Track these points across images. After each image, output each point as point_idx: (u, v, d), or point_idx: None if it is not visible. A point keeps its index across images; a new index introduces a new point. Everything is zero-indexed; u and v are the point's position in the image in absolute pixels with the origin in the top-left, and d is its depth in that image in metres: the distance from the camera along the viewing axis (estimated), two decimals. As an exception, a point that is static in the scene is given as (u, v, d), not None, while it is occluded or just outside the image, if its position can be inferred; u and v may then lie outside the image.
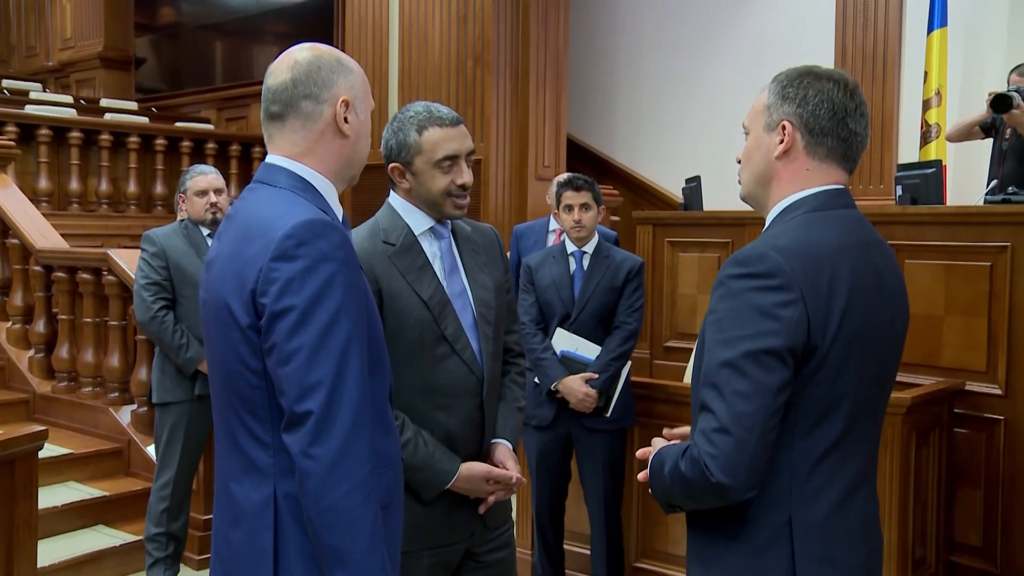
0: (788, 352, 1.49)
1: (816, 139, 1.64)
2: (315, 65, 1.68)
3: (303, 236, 1.53)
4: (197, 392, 3.85)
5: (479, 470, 2.24)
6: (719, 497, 1.51)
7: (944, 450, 3.53)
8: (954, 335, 3.64)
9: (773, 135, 1.66)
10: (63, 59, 10.62)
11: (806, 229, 1.59)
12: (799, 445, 1.55)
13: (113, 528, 4.40)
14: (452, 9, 7.10)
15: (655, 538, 3.75)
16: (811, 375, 1.53)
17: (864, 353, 1.58)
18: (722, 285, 1.56)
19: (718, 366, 1.51)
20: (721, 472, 1.47)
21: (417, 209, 2.27)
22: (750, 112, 1.72)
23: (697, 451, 1.50)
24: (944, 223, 3.74)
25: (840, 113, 1.62)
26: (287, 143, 1.68)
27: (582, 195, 3.55)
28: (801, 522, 1.55)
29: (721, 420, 1.48)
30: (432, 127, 2.21)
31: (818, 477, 1.56)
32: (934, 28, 6.42)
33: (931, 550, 3.47)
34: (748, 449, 1.47)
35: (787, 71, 1.68)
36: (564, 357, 3.53)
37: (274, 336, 1.52)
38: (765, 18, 7.37)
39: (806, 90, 1.63)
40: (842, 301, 1.54)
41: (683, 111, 7.85)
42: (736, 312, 1.52)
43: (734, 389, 1.48)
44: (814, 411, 1.55)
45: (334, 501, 1.48)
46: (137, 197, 7.52)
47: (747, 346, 1.49)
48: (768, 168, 1.67)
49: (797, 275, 1.51)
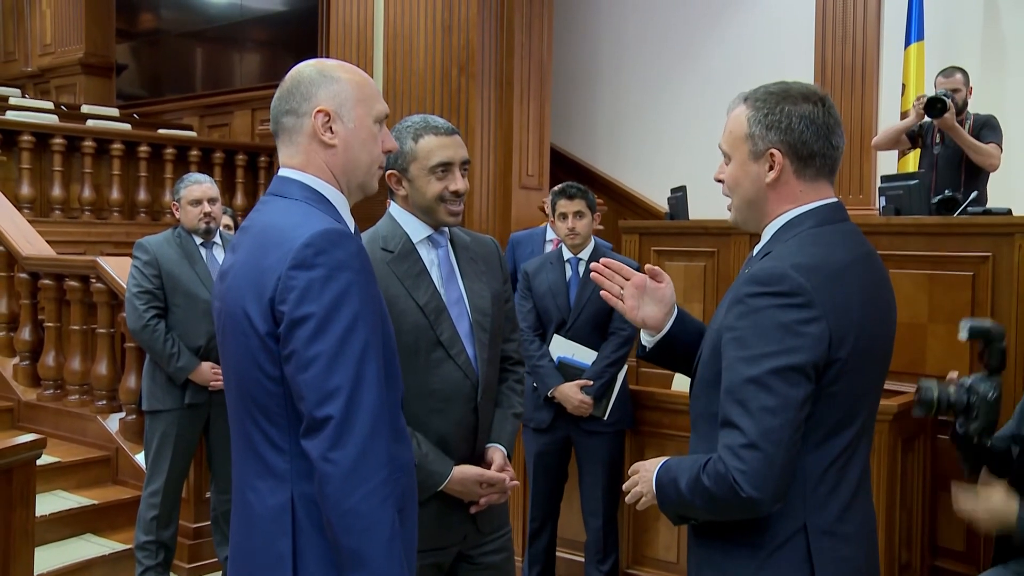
0: (812, 367, 1.53)
1: (804, 162, 1.66)
2: (295, 80, 1.72)
3: (321, 245, 1.56)
4: (187, 401, 3.85)
5: (472, 473, 2.28)
6: (748, 511, 1.55)
7: (928, 456, 3.60)
8: (937, 343, 3.71)
9: (761, 163, 1.67)
10: (43, 65, 10.53)
11: (815, 246, 1.62)
12: (812, 455, 1.59)
13: (102, 537, 4.39)
14: (437, 18, 7.13)
15: (646, 544, 3.79)
16: (827, 388, 1.57)
17: (873, 363, 1.64)
18: (741, 303, 1.58)
19: (743, 382, 1.53)
20: (752, 487, 1.50)
21: (415, 217, 2.32)
22: (727, 136, 1.72)
23: (724, 467, 1.53)
24: (927, 234, 3.82)
25: (824, 133, 1.65)
26: (286, 157, 1.73)
27: (576, 203, 3.61)
28: (815, 526, 1.59)
29: (749, 436, 1.51)
30: (428, 135, 2.28)
31: (829, 482, 1.61)
32: (911, 42, 6.53)
33: (916, 555, 3.54)
34: (777, 463, 1.51)
35: (760, 92, 1.69)
36: (561, 363, 3.59)
37: (293, 343, 1.55)
38: (746, 30, 7.46)
39: (789, 117, 1.64)
40: (857, 315, 1.59)
41: (665, 121, 7.92)
42: (759, 330, 1.54)
43: (761, 405, 1.51)
44: (828, 423, 1.59)
45: (353, 504, 1.51)
46: (120, 204, 7.48)
47: (772, 363, 1.52)
48: (759, 194, 1.69)
49: (818, 292, 1.55)
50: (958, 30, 6.54)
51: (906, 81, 6.54)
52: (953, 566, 3.64)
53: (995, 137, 4.95)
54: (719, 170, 1.76)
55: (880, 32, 6.87)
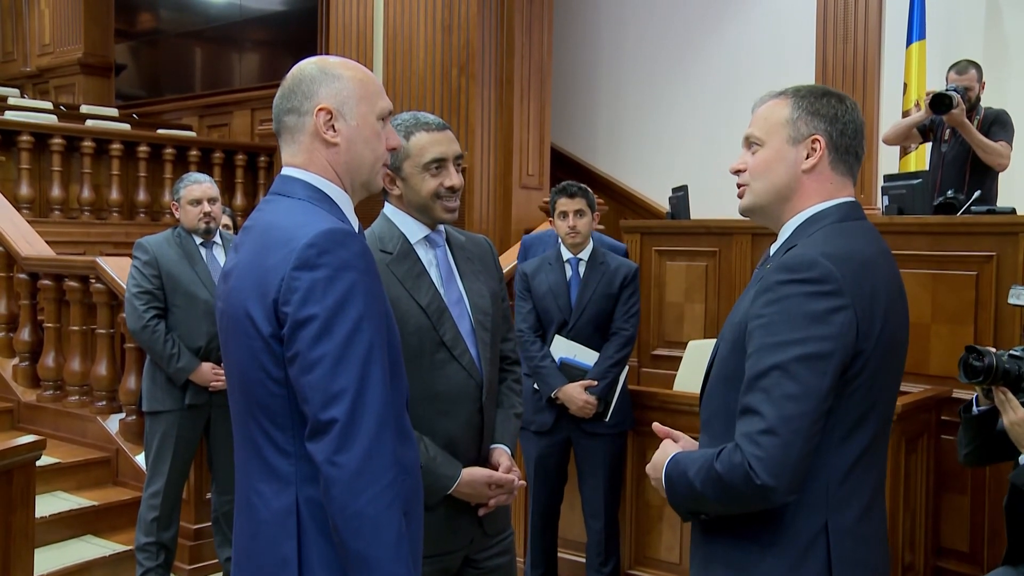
0: (838, 357, 1.52)
1: (840, 156, 1.68)
2: (297, 78, 1.70)
3: (325, 245, 1.54)
4: (188, 402, 3.83)
5: (480, 474, 2.26)
6: (762, 500, 1.52)
7: (932, 457, 3.59)
8: (941, 343, 3.70)
9: (799, 148, 1.68)
10: (42, 65, 10.51)
11: (843, 237, 1.62)
12: (835, 451, 1.58)
13: (102, 538, 4.37)
14: (437, 18, 7.12)
15: (648, 545, 3.78)
16: (851, 380, 1.56)
17: (894, 360, 1.63)
18: (770, 290, 1.56)
19: (768, 369, 1.52)
20: (767, 474, 1.48)
21: (410, 217, 2.29)
22: (761, 122, 1.71)
23: (740, 455, 1.51)
24: (931, 233, 3.81)
25: (859, 133, 1.69)
26: (288, 156, 1.71)
27: (576, 201, 3.60)
28: (837, 527, 1.58)
29: (769, 421, 1.49)
30: (419, 132, 2.25)
31: (851, 482, 1.59)
32: (913, 41, 6.52)
33: (920, 556, 3.52)
34: (794, 451, 1.49)
35: (802, 88, 1.72)
36: (563, 364, 3.57)
37: (297, 345, 1.53)
38: (746, 30, 7.45)
39: (835, 109, 1.68)
40: (882, 308, 1.58)
41: (666, 121, 7.91)
42: (787, 316, 1.53)
43: (784, 392, 1.50)
44: (851, 417, 1.58)
45: (360, 508, 1.49)
46: (120, 204, 7.46)
47: (799, 350, 1.50)
48: (792, 180, 1.68)
49: (847, 281, 1.54)
50: (960, 29, 6.53)
51: (908, 80, 6.52)
52: (956, 566, 3.63)
53: (1005, 135, 4.81)
54: (739, 160, 1.75)
55: (881, 31, 6.86)
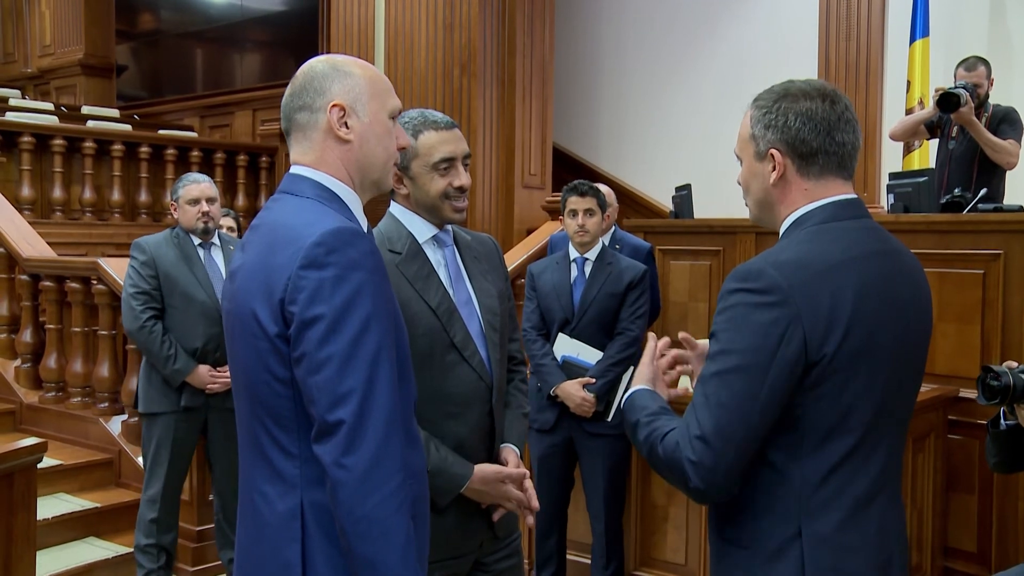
0: (776, 368, 1.52)
1: (806, 160, 1.66)
2: (308, 76, 1.68)
3: (332, 244, 1.52)
4: (183, 404, 3.79)
5: (491, 471, 2.23)
6: (695, 497, 1.60)
7: (939, 456, 3.57)
8: (947, 342, 3.68)
9: (765, 163, 1.68)
10: (43, 66, 10.50)
11: (809, 243, 1.61)
12: (809, 459, 1.57)
13: (105, 540, 4.36)
14: (438, 17, 7.10)
15: (653, 547, 3.75)
16: (813, 388, 1.55)
17: (874, 364, 1.59)
18: (722, 298, 1.60)
19: (709, 376, 1.56)
20: (698, 479, 1.54)
21: (418, 216, 2.26)
22: (738, 140, 1.74)
23: (679, 452, 1.55)
24: (937, 231, 3.79)
25: (824, 128, 1.64)
26: (299, 154, 1.69)
27: (586, 200, 3.61)
28: (811, 534, 1.57)
29: (704, 429, 1.53)
30: (428, 131, 2.22)
31: (828, 490, 1.57)
32: (916, 38, 6.50)
33: (927, 556, 3.50)
34: (725, 461, 1.53)
35: (764, 93, 1.69)
36: (565, 362, 3.56)
37: (304, 345, 1.51)
38: (748, 28, 7.43)
39: (785, 115, 1.64)
40: (846, 314, 1.55)
41: (668, 120, 7.89)
42: (732, 325, 1.56)
43: (719, 400, 1.53)
44: (823, 425, 1.57)
45: (367, 511, 1.47)
46: (121, 205, 7.45)
47: (736, 360, 1.53)
48: (767, 195, 1.70)
49: (796, 290, 1.53)
50: (963, 26, 6.51)
51: (911, 78, 6.51)
52: (964, 567, 3.61)
53: (1014, 133, 4.75)
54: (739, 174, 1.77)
55: (884, 28, 6.85)
